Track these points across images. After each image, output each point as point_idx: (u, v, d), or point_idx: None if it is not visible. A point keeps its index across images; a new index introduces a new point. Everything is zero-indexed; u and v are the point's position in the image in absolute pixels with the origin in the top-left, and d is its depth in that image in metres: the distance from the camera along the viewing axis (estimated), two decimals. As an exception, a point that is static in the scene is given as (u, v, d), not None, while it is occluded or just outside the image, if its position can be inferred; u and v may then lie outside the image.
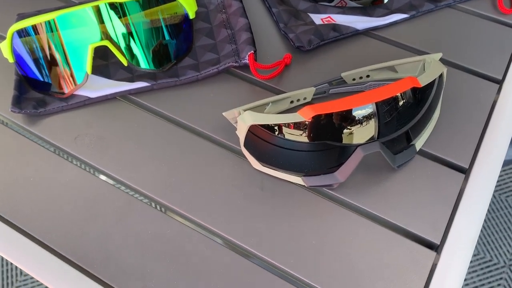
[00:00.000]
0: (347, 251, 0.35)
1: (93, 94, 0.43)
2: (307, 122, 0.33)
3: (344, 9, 0.46)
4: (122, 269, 0.35)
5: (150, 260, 0.35)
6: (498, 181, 1.26)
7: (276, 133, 0.35)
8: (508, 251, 1.16)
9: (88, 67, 0.41)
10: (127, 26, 0.41)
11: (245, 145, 0.38)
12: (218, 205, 0.37)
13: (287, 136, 0.35)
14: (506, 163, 0.87)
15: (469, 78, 0.43)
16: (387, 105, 0.35)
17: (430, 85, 0.36)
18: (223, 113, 0.38)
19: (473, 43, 0.45)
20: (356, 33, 0.45)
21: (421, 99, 0.36)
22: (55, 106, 0.42)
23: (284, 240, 0.35)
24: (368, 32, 0.46)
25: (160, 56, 0.43)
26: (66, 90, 0.42)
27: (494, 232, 1.18)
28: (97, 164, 0.39)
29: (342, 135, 0.34)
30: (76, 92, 0.43)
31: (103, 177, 0.39)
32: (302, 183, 0.37)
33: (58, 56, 0.41)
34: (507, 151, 0.80)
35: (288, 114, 0.34)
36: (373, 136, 0.35)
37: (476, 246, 1.15)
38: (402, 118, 0.36)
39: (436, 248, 0.35)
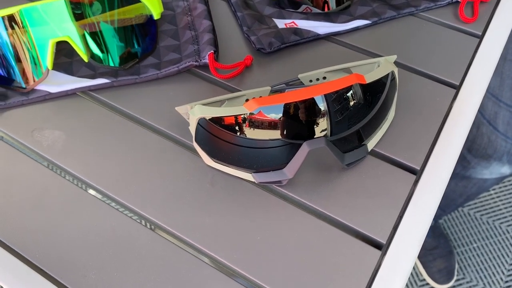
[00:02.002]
0: (292, 247, 0.34)
1: (53, 89, 0.43)
2: (254, 120, 0.34)
3: (308, 15, 0.47)
4: (64, 260, 0.34)
5: (92, 252, 0.35)
6: (491, 207, 1.25)
7: (227, 128, 0.35)
8: (501, 279, 1.13)
9: (48, 62, 0.42)
10: (91, 23, 0.42)
11: (196, 141, 0.38)
12: (165, 200, 0.37)
13: (237, 132, 0.35)
14: (497, 181, 0.86)
15: (427, 82, 0.43)
16: (338, 104, 0.35)
17: (381, 86, 0.37)
18: (176, 108, 0.38)
19: (433, 50, 0.45)
20: (318, 38, 0.46)
21: (372, 100, 0.37)
22: (15, 100, 0.43)
23: (229, 235, 0.35)
24: (329, 37, 0.47)
25: (122, 54, 0.44)
26: (28, 85, 0.43)
27: (488, 259, 1.16)
28: (50, 157, 0.39)
29: (293, 132, 0.34)
30: (37, 87, 0.43)
31: (55, 170, 0.39)
32: (252, 179, 0.37)
33: (20, 51, 0.42)
34: (496, 168, 0.79)
35: (235, 107, 0.34)
36: (325, 135, 0.35)
37: (469, 273, 1.13)
38: (354, 117, 0.36)
39: (382, 247, 0.34)
